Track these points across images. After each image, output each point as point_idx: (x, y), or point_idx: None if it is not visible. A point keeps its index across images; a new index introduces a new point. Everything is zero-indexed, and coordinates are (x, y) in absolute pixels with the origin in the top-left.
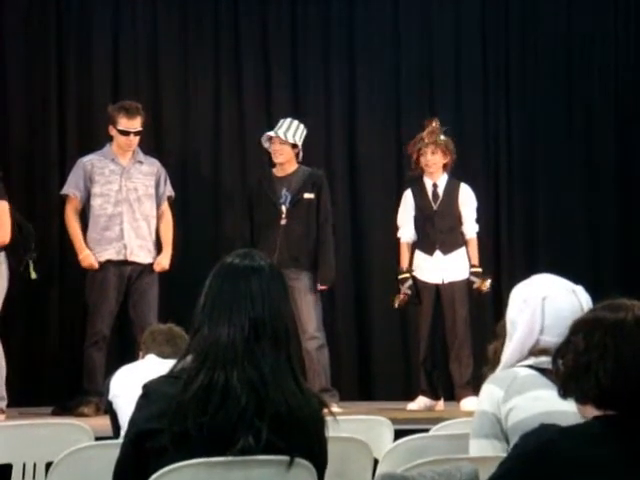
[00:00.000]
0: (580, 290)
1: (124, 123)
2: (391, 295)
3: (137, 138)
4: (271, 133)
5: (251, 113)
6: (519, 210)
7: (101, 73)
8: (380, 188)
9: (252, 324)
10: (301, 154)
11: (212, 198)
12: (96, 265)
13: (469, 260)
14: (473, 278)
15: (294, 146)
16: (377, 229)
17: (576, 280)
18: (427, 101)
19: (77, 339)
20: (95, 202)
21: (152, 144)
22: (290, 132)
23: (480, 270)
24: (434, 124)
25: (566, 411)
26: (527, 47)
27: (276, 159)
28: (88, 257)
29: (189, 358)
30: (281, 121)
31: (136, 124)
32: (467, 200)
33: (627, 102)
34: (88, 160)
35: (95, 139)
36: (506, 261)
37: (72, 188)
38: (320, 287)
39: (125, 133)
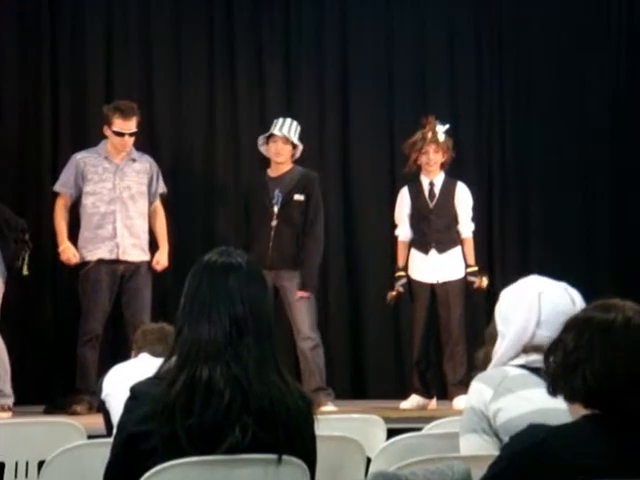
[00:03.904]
0: (570, 288)
1: (119, 124)
2: (385, 292)
3: (132, 139)
4: (277, 132)
5: (244, 112)
6: (512, 209)
7: (94, 70)
8: (373, 187)
9: (233, 321)
10: (298, 154)
11: (205, 197)
12: (73, 260)
13: (465, 259)
14: (471, 278)
15: (293, 145)
16: (370, 228)
17: (570, 278)
18: (420, 101)
19: (70, 337)
20: (88, 200)
21: (145, 143)
22: (292, 132)
23: (477, 269)
24: (432, 122)
25: (557, 408)
26: (521, 47)
27: (277, 158)
28: (66, 250)
29: (174, 359)
30: (280, 120)
31: (131, 125)
32: (463, 199)
33: (622, 106)
34: (81, 157)
35: (89, 135)
36: (499, 261)
37: (63, 186)
38: (299, 293)
39: (120, 134)
